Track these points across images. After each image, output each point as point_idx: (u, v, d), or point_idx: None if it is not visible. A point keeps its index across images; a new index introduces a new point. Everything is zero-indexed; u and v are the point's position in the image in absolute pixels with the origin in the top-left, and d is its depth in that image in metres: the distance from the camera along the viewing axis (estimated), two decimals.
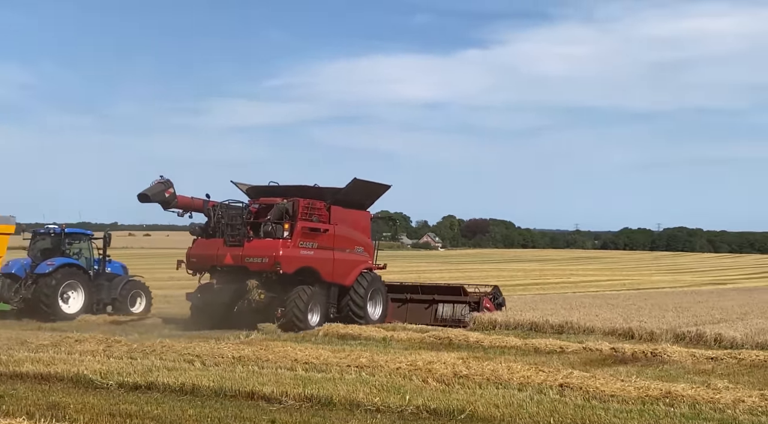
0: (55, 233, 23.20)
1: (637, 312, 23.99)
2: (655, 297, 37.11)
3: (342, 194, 21.10)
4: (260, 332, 18.73)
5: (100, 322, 21.68)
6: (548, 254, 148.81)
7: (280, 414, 9.03)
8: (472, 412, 8.74)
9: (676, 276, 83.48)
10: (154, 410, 9.25)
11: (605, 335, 18.67)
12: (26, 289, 21.96)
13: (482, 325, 20.84)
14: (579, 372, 11.37)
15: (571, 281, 64.35)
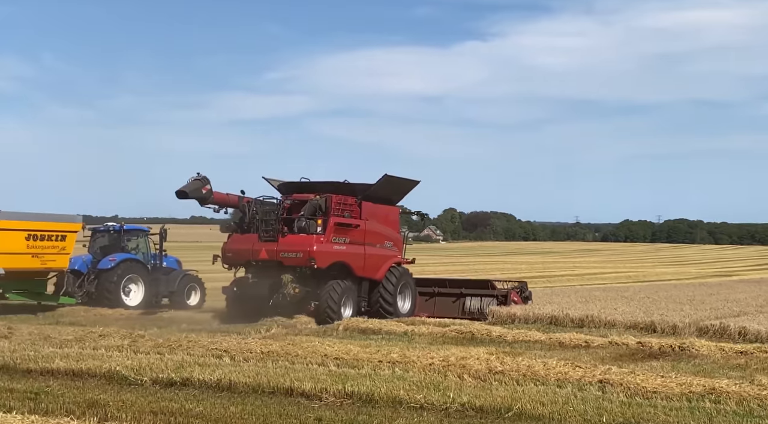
0: (114, 230, 24.32)
1: (653, 305, 23.89)
2: (666, 289, 37.01)
3: (372, 190, 21.39)
4: (280, 327, 18.64)
5: (116, 316, 21.60)
6: (549, 246, 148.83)
7: (323, 412, 8.92)
8: (519, 410, 8.63)
9: (679, 268, 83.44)
10: (196, 407, 9.14)
11: (627, 329, 18.59)
12: (89, 283, 23.06)
13: (501, 319, 20.76)
14: (617, 368, 11.26)
15: (576, 273, 64.30)
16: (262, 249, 20.00)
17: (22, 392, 10.05)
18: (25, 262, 21.08)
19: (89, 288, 23.08)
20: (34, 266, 21.44)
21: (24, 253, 20.97)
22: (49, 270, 22.20)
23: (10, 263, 20.62)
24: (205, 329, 18.59)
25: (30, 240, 21.14)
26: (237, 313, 20.17)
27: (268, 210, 20.41)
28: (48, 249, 21.58)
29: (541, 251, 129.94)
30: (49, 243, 21.61)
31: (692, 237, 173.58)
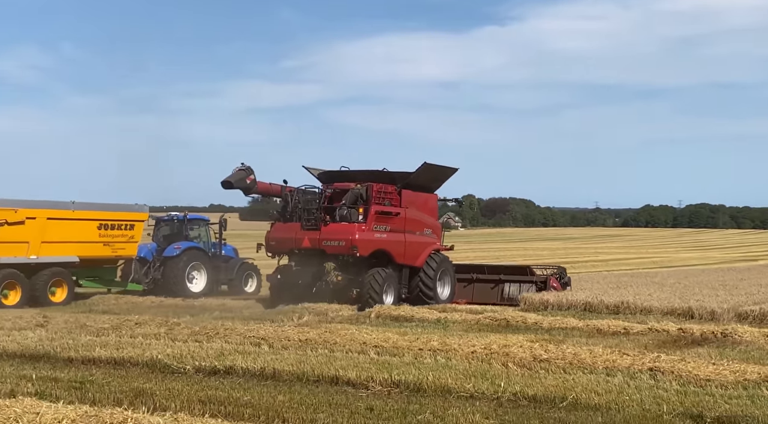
0: (177, 219, 25.25)
1: (686, 291, 23.58)
2: (694, 275, 36.64)
3: (412, 178, 21.54)
4: (312, 314, 18.54)
5: (148, 303, 21.61)
6: (569, 232, 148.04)
7: (372, 401, 8.78)
8: (573, 399, 8.44)
9: (702, 253, 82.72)
10: (243, 396, 9.03)
11: (664, 315, 18.28)
12: (156, 271, 23.88)
13: (534, 305, 20.55)
14: (666, 356, 11.04)
15: (600, 259, 63.87)
16: (304, 238, 20.31)
17: (67, 381, 9.99)
18: (97, 250, 22.07)
19: (155, 275, 23.85)
20: (106, 254, 22.43)
21: (96, 241, 21.97)
22: (119, 258, 23.11)
23: (84, 251, 21.62)
24: (237, 316, 18.54)
25: (101, 229, 22.12)
26: (281, 300, 20.41)
27: (309, 199, 20.73)
28: (118, 238, 22.57)
29: (562, 237, 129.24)
30: (119, 232, 22.59)
31: (714, 222, 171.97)
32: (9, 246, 20.13)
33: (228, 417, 7.87)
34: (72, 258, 21.51)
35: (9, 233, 20.04)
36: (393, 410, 8.22)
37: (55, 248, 21.08)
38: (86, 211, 21.98)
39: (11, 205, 20.41)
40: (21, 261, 20.40)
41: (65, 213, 21.48)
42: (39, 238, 20.74)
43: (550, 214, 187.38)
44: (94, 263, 22.44)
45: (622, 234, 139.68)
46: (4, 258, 20.07)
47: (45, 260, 20.85)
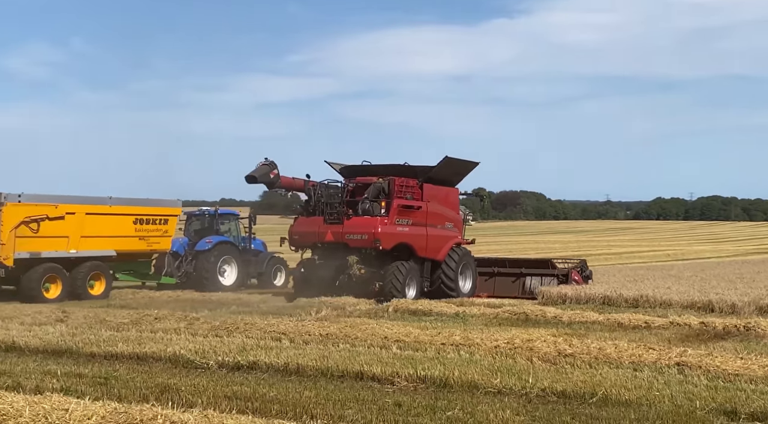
0: (209, 214, 25.76)
1: (704, 284, 23.42)
2: (710, 268, 36.45)
3: (433, 172, 21.73)
4: (329, 309, 18.48)
5: (165, 298, 21.61)
6: (581, 225, 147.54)
7: (399, 396, 8.71)
8: (604, 395, 8.35)
9: (715, 246, 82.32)
10: (269, 391, 8.98)
11: (684, 309, 18.15)
12: (188, 264, 24.39)
13: (552, 299, 20.44)
14: (693, 350, 10.93)
15: (612, 252, 63.62)
16: (327, 231, 20.48)
17: (91, 377, 9.96)
18: (133, 244, 22.54)
19: (188, 269, 24.33)
20: (141, 248, 22.89)
21: (132, 236, 22.47)
22: (154, 252, 23.49)
23: (121, 245, 22.14)
24: (254, 310, 18.53)
25: (137, 224, 22.59)
26: (305, 293, 20.58)
27: (332, 193, 20.94)
28: (153, 232, 23.02)
29: (573, 230, 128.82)
30: (154, 226, 23.03)
31: (726, 214, 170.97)
32: (50, 241, 20.59)
33: (255, 413, 7.81)
34: (109, 252, 21.99)
35: (50, 228, 20.47)
36: (421, 406, 8.14)
37: (94, 242, 21.54)
38: (123, 206, 22.49)
39: (52, 201, 20.87)
40: (61, 255, 20.85)
41: (103, 208, 21.98)
42: (78, 232, 21.21)
43: (561, 207, 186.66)
44: (130, 257, 22.89)
45: (634, 227, 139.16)
46: (45, 252, 20.54)
47: (84, 254, 21.33)
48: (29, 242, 20.14)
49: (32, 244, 20.23)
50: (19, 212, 19.94)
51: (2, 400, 7.66)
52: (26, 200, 20.25)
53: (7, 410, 7.38)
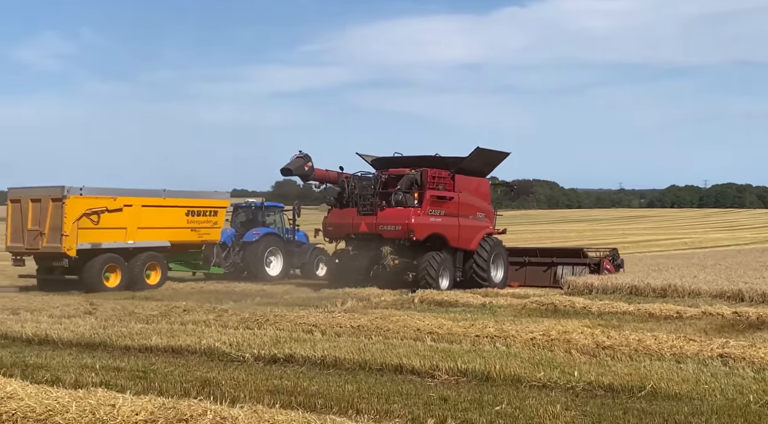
0: (255, 206, 26.65)
1: (730, 272, 23.21)
2: (732, 256, 36.18)
3: (465, 163, 21.94)
4: (355, 300, 18.41)
5: (188, 290, 21.61)
6: (595, 214, 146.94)
7: (444, 391, 8.60)
8: (652, 389, 8.22)
9: (732, 233, 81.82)
10: (311, 385, 8.89)
11: (713, 298, 18.01)
12: (235, 255, 25.14)
13: (577, 289, 20.31)
14: (734, 341, 10.77)
15: (629, 240, 63.32)
16: (361, 222, 20.86)
17: (129, 370, 9.90)
18: (186, 235, 23.40)
19: (235, 259, 25.06)
20: (193, 239, 23.72)
21: (185, 227, 23.32)
22: (204, 243, 24.18)
23: (174, 236, 22.99)
24: (279, 302, 18.49)
25: (189, 216, 23.46)
26: (339, 284, 20.85)
27: (365, 185, 21.20)
28: (204, 224, 23.86)
29: (587, 218, 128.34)
30: (204, 218, 23.86)
31: (741, 201, 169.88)
32: (109, 232, 21.45)
33: (300, 408, 7.70)
34: (164, 243, 22.75)
35: (109, 220, 21.33)
36: (468, 401, 8.03)
37: (149, 233, 22.36)
38: (176, 198, 23.34)
39: (111, 194, 21.68)
40: (120, 246, 21.68)
41: (158, 200, 22.76)
42: (135, 224, 22.02)
43: (575, 195, 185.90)
44: (182, 248, 23.64)
45: (648, 215, 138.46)
46: (105, 243, 21.38)
47: (141, 245, 22.12)
48: (90, 233, 20.97)
49: (93, 235, 21.06)
50: (81, 204, 20.73)
51: (47, 395, 7.60)
52: (87, 193, 21.07)
53: (53, 406, 7.32)
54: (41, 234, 20.86)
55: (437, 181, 21.29)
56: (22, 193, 21.48)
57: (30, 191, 21.42)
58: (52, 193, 20.78)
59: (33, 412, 7.33)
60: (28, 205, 21.07)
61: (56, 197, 20.65)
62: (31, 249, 21.26)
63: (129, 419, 6.90)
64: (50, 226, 20.70)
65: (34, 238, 20.98)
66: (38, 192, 21.23)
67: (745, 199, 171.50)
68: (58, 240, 20.58)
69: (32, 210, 20.98)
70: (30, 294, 19.92)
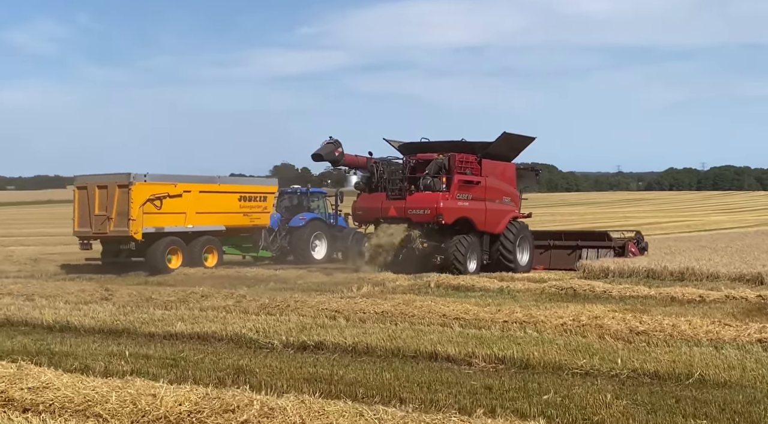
0: (301, 192, 27.52)
1: (745, 255, 23.10)
2: (739, 238, 36.09)
3: (491, 148, 22.18)
4: (370, 285, 18.21)
5: (200, 275, 21.40)
6: (594, 197, 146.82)
7: (485, 379, 8.42)
8: (700, 376, 8.05)
9: (732, 215, 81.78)
10: (348, 373, 8.71)
11: (732, 281, 17.85)
12: (282, 239, 25.98)
13: (593, 272, 20.14)
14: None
15: (631, 223, 62.99)
16: (390, 207, 21.18)
17: (158, 358, 9.72)
18: (239, 220, 24.35)
19: (282, 243, 25.90)
20: (245, 223, 24.64)
21: (238, 212, 24.30)
22: (255, 227, 25.08)
23: (228, 221, 24.00)
24: (293, 287, 18.31)
25: (241, 201, 24.44)
26: (369, 267, 21.13)
27: (394, 170, 21.58)
28: (254, 209, 24.82)
29: (586, 201, 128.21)
30: (255, 203, 24.82)
31: (739, 184, 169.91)
32: (171, 216, 22.48)
33: (342, 397, 7.51)
34: (219, 227, 23.74)
35: (171, 205, 22.41)
36: (513, 389, 7.85)
37: (207, 218, 23.41)
38: (229, 184, 24.57)
39: (171, 180, 22.82)
40: (180, 229, 22.72)
41: (213, 186, 23.87)
42: (194, 209, 23.06)
43: (573, 178, 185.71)
44: (235, 232, 24.59)
45: (648, 198, 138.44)
46: (167, 227, 22.36)
47: (199, 229, 23.15)
48: (154, 217, 22.01)
49: (156, 219, 22.09)
50: (145, 190, 21.79)
51: (83, 384, 7.41)
52: (151, 180, 22.08)
53: (92, 396, 7.13)
54: (108, 219, 21.88)
55: (465, 166, 21.56)
56: (89, 180, 22.54)
57: (96, 178, 22.48)
58: (118, 180, 21.83)
59: (71, 402, 7.15)
60: (95, 191, 22.09)
61: (122, 184, 21.70)
62: (99, 233, 22.24)
63: (172, 410, 6.71)
64: (117, 211, 21.74)
65: (101, 223, 22.00)
66: (104, 179, 22.31)
67: (743, 182, 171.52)
68: (125, 224, 21.61)
69: (99, 196, 22.03)
70: (41, 281, 19.71)
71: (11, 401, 7.34)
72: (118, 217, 21.70)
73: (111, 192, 21.82)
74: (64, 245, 34.15)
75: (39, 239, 43.43)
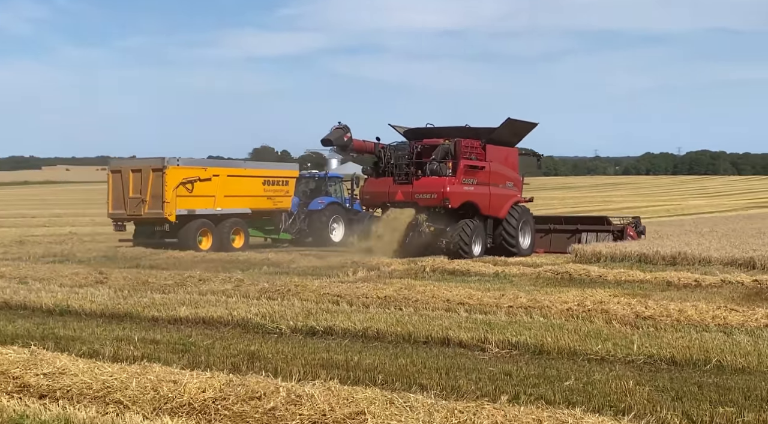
0: (319, 176, 28.46)
1: (731, 239, 23.27)
2: (722, 222, 36.46)
3: (495, 133, 22.62)
4: (365, 270, 18.14)
5: (189, 258, 21.17)
6: (571, 181, 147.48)
7: (503, 365, 8.40)
8: (718, 362, 8.08)
9: (709, 200, 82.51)
10: (364, 359, 8.64)
11: (725, 266, 17.97)
12: (302, 222, 26.74)
13: (585, 256, 20.21)
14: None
15: (611, 208, 63.48)
16: (398, 191, 21.60)
17: (166, 343, 9.61)
18: (263, 203, 25.43)
19: (302, 226, 26.67)
20: (268, 206, 25.69)
21: (262, 196, 25.39)
22: (278, 210, 26.11)
23: (254, 204, 25.03)
24: (287, 271, 18.19)
25: (266, 185, 25.52)
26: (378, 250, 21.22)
27: (401, 155, 21.94)
28: (278, 192, 25.89)
29: (565, 186, 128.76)
30: (278, 187, 25.91)
31: (715, 168, 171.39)
32: (201, 199, 23.52)
33: (361, 383, 7.45)
34: (246, 210, 24.74)
35: (201, 188, 23.43)
36: (533, 376, 7.82)
37: (234, 201, 24.41)
38: (255, 169, 25.97)
39: (201, 164, 24.11)
40: (210, 212, 23.76)
41: (240, 171, 25.07)
42: (222, 192, 24.05)
43: (551, 163, 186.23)
44: (259, 215, 25.56)
45: (625, 182, 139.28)
46: (198, 209, 23.41)
47: (227, 212, 24.16)
48: (186, 200, 23.05)
49: (188, 202, 23.14)
50: (178, 174, 22.81)
51: (100, 370, 7.30)
52: (183, 164, 23.20)
53: (111, 382, 7.03)
54: (143, 201, 22.83)
55: (470, 151, 21.90)
56: (123, 164, 23.84)
57: (130, 163, 24.06)
58: (152, 164, 22.85)
59: (89, 388, 7.04)
60: (129, 175, 23.03)
61: (157, 168, 22.69)
62: (133, 215, 23.18)
63: (197, 397, 6.62)
64: (151, 194, 22.71)
65: (136, 205, 22.94)
66: (139, 163, 23.67)
67: (719, 167, 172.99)
68: (159, 206, 22.59)
69: (133, 180, 22.97)
70: (29, 263, 19.43)
71: (27, 387, 7.23)
72: (153, 199, 22.65)
73: (145, 176, 22.76)
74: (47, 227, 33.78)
75: (20, 220, 42.89)
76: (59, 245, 25.10)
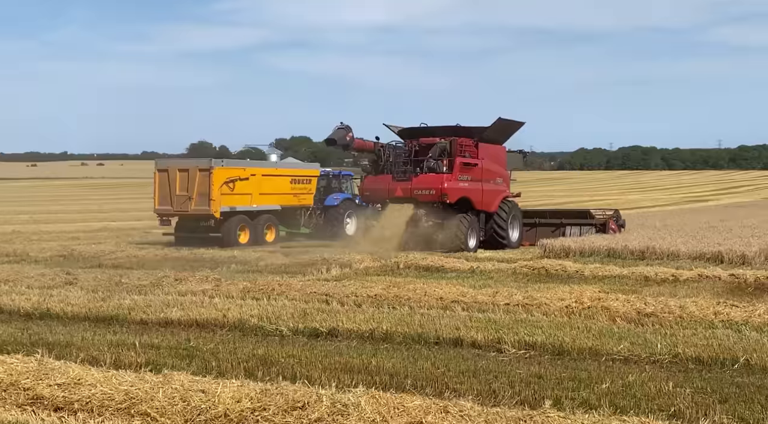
0: (332, 174, 29.86)
1: (686, 232, 23.65)
2: (670, 216, 37.22)
3: (487, 132, 23.74)
4: (338, 267, 17.79)
5: (150, 257, 20.45)
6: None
7: (529, 367, 8.20)
8: (747, 361, 8.03)
9: (645, 194, 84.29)
10: (383, 362, 8.34)
11: (693, 260, 18.24)
12: (318, 217, 27.89)
13: (554, 252, 20.24)
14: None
15: (554, 202, 64.16)
16: (397, 188, 22.54)
17: (167, 348, 9.14)
18: (290, 200, 26.82)
19: (318, 221, 27.77)
20: (294, 203, 27.07)
21: (289, 193, 26.78)
22: (302, 207, 27.53)
23: (283, 201, 26.51)
24: (256, 269, 17.75)
25: (293, 183, 26.94)
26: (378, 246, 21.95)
27: (399, 153, 23.05)
28: (302, 190, 27.30)
29: None
30: (302, 185, 27.33)
31: (646, 163, 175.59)
32: (241, 197, 24.96)
33: (389, 388, 7.14)
34: (276, 207, 26.21)
35: (241, 187, 24.87)
36: (567, 379, 7.60)
37: (267, 198, 25.90)
38: (284, 168, 27.66)
39: (241, 165, 26.09)
40: (247, 209, 25.13)
41: (272, 170, 26.70)
42: (257, 190, 25.51)
43: None
44: (287, 212, 26.93)
45: (561, 177, 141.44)
46: (238, 206, 24.79)
47: (261, 209, 25.61)
48: (228, 198, 24.44)
49: (230, 200, 24.52)
50: (222, 174, 24.27)
51: (117, 380, 6.87)
52: (227, 165, 24.99)
53: (134, 393, 6.60)
54: (189, 199, 24.05)
55: (464, 149, 22.93)
56: (170, 163, 25.31)
57: (177, 162, 25.86)
58: (199, 164, 24.49)
59: (111, 400, 6.60)
60: (176, 174, 24.32)
61: (203, 168, 24.13)
62: (180, 211, 24.44)
63: (232, 409, 6.23)
64: (198, 191, 24.02)
65: (182, 202, 24.16)
66: (185, 163, 25.33)
67: (650, 161, 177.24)
68: (206, 203, 23.91)
69: (179, 179, 24.22)
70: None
71: (40, 399, 6.75)
72: (199, 197, 24.00)
73: (192, 175, 24.12)
74: None
75: None
76: (7, 244, 24.03)
